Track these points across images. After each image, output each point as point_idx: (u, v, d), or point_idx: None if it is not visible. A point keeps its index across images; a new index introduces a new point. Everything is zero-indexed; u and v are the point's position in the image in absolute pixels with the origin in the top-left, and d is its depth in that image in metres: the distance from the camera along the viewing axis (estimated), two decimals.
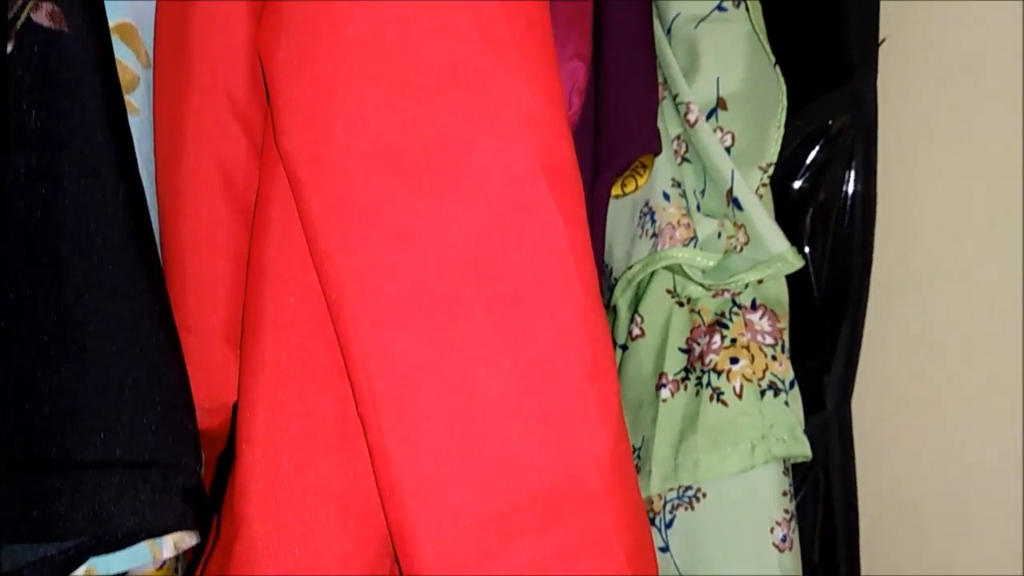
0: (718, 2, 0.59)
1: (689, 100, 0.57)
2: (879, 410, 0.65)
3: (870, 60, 0.60)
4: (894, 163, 0.62)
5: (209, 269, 0.40)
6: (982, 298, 0.62)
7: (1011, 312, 0.60)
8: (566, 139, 0.42)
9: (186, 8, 0.40)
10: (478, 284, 0.39)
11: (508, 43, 0.40)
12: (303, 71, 0.38)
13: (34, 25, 0.33)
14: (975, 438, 0.62)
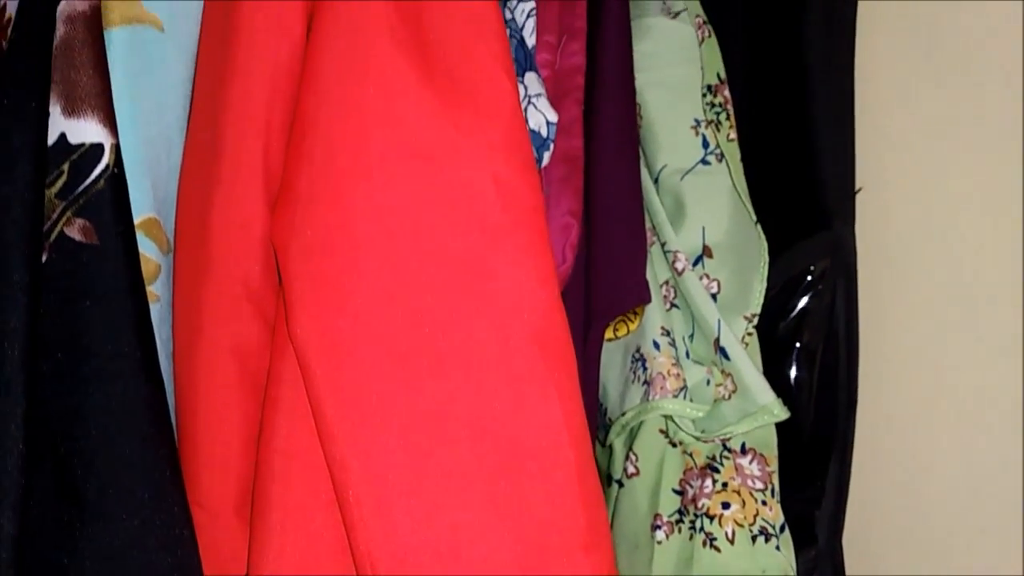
0: (702, 156, 0.63)
1: (676, 249, 0.61)
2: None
3: (846, 206, 0.64)
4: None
5: (222, 447, 0.42)
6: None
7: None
8: (559, 313, 0.45)
9: (206, 199, 0.43)
10: (477, 459, 0.41)
11: (504, 231, 0.44)
12: (315, 263, 0.41)
13: (66, 239, 0.36)
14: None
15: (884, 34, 0.66)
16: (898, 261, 0.66)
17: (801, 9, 0.63)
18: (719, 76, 0.63)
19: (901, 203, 0.67)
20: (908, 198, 0.66)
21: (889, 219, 0.63)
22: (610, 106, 0.62)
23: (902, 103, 0.67)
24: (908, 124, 0.67)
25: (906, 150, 0.66)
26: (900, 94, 0.67)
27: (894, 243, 0.66)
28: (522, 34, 0.59)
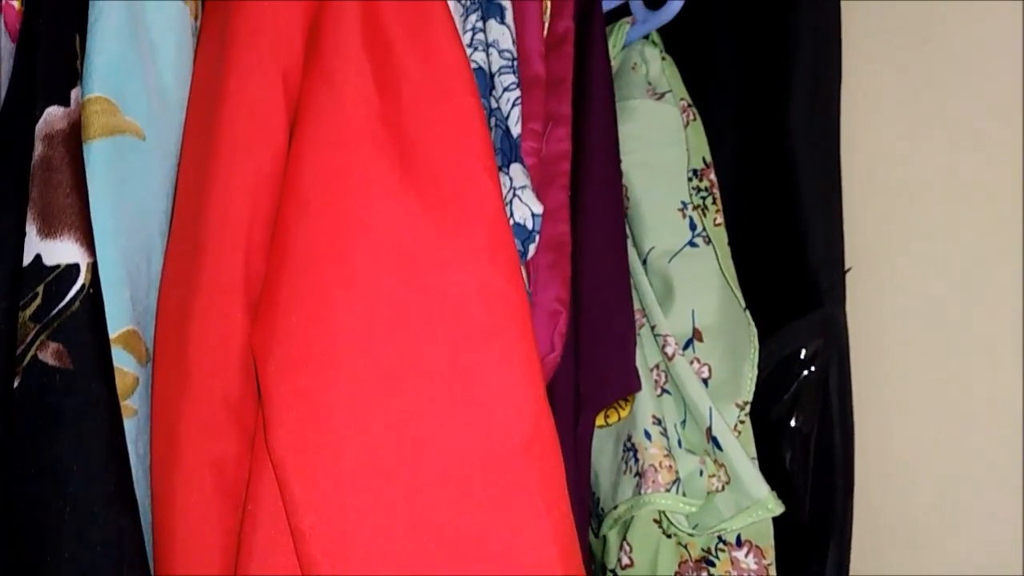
0: (689, 238, 0.63)
1: (666, 333, 0.60)
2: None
3: (837, 285, 0.63)
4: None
5: (200, 563, 0.41)
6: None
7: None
8: (546, 420, 0.44)
9: (185, 310, 0.42)
10: (462, 570, 0.40)
11: (489, 336, 0.43)
12: (294, 378, 0.40)
13: (40, 363, 0.36)
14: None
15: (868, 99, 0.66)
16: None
17: (786, 97, 0.64)
18: (704, 160, 0.64)
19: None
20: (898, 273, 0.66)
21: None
22: (596, 191, 0.62)
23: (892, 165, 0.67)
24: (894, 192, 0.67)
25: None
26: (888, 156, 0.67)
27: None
28: (507, 124, 0.59)
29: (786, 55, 0.66)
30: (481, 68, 0.60)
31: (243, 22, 0.45)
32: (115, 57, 0.43)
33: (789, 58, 0.66)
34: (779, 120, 0.65)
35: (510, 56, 0.60)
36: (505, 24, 0.61)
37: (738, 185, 0.67)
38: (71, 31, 0.41)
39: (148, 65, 0.45)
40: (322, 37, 0.46)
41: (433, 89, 0.47)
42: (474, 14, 0.61)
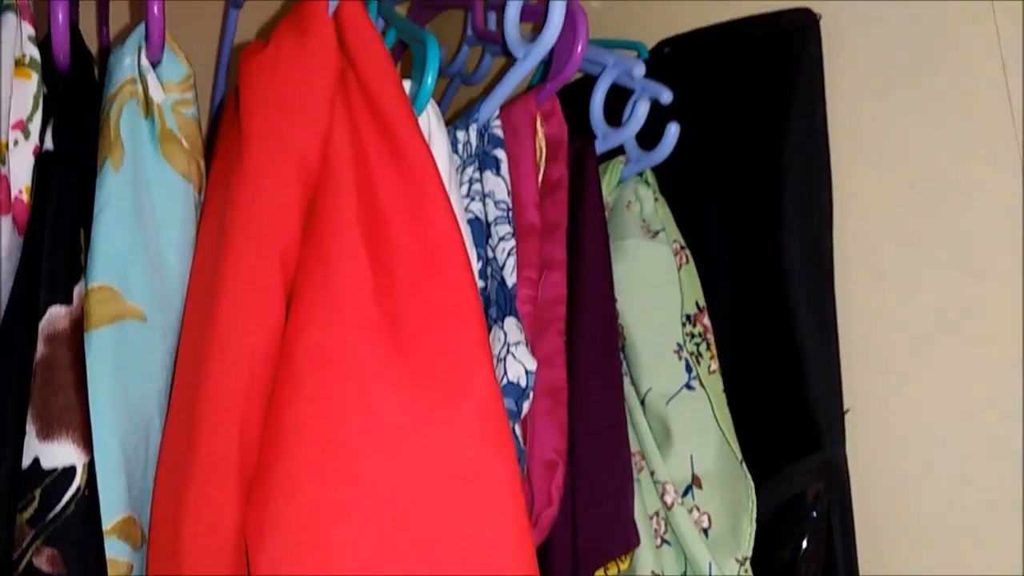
0: (686, 380, 0.63)
1: (665, 480, 0.60)
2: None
3: (836, 426, 0.63)
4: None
5: None
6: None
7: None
8: None
9: (178, 500, 0.42)
10: None
11: (482, 512, 0.43)
12: (286, 570, 0.40)
13: (35, 569, 0.36)
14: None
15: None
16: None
17: (779, 236, 0.65)
18: (698, 304, 0.64)
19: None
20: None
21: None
22: (592, 335, 0.63)
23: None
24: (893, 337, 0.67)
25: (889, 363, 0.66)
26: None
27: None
28: (503, 274, 0.60)
29: (777, 191, 0.68)
30: (478, 218, 0.62)
31: (242, 202, 0.47)
32: (119, 243, 0.44)
33: (780, 194, 0.68)
34: (773, 258, 0.66)
35: (505, 207, 0.62)
36: (500, 176, 0.63)
37: (735, 323, 0.67)
38: (75, 226, 0.43)
39: (151, 245, 0.46)
40: (318, 215, 0.48)
41: (426, 264, 0.48)
42: (471, 166, 0.63)
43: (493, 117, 0.64)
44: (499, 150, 0.63)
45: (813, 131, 0.68)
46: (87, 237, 0.44)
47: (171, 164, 0.48)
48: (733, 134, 0.73)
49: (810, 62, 0.69)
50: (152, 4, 0.47)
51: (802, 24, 0.70)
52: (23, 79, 0.44)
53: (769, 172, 0.69)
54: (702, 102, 0.77)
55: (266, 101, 0.48)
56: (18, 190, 0.43)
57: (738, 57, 0.75)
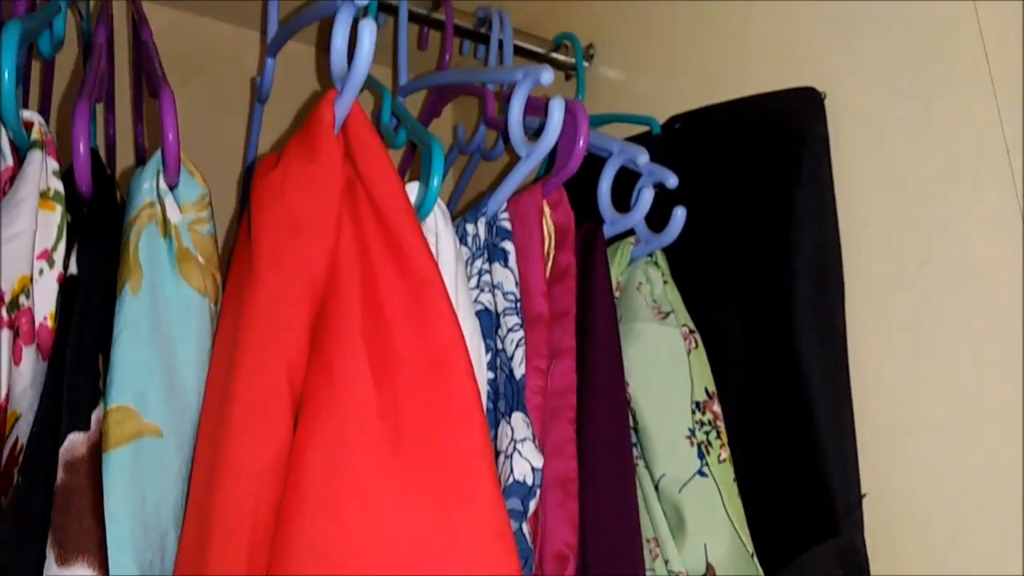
0: (698, 467, 0.63)
1: (680, 570, 0.60)
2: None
3: (855, 510, 0.63)
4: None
5: None
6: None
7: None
8: None
9: None
10: None
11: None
12: None
13: None
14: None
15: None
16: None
17: (790, 314, 0.65)
18: (707, 391, 0.65)
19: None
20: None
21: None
22: (602, 424, 0.63)
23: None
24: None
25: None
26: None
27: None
28: (511, 365, 0.61)
29: (787, 272, 0.68)
30: (487, 309, 0.63)
31: (253, 321, 0.49)
32: (136, 364, 0.47)
33: (790, 275, 0.68)
34: (785, 338, 0.66)
35: (514, 298, 0.63)
36: (508, 268, 0.64)
37: (748, 405, 0.68)
38: (95, 351, 0.45)
39: (168, 362, 0.49)
40: (325, 329, 0.50)
41: (428, 373, 0.50)
42: (480, 258, 0.65)
43: (501, 210, 0.66)
44: (507, 242, 0.65)
45: (822, 211, 0.68)
46: (106, 361, 0.46)
47: (188, 282, 0.51)
48: (742, 212, 0.74)
49: (816, 142, 0.70)
50: (167, 132, 0.50)
51: (807, 103, 0.71)
52: (47, 211, 0.47)
53: (779, 253, 0.69)
54: (712, 178, 0.78)
55: (275, 222, 0.51)
56: (43, 317, 0.46)
57: (746, 135, 0.76)
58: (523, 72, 0.61)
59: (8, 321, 0.43)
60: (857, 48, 0.70)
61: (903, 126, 0.66)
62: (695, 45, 0.87)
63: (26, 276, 0.45)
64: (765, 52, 0.79)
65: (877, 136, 0.68)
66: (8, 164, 0.48)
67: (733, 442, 0.65)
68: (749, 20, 0.81)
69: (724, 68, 0.83)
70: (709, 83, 0.84)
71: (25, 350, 0.44)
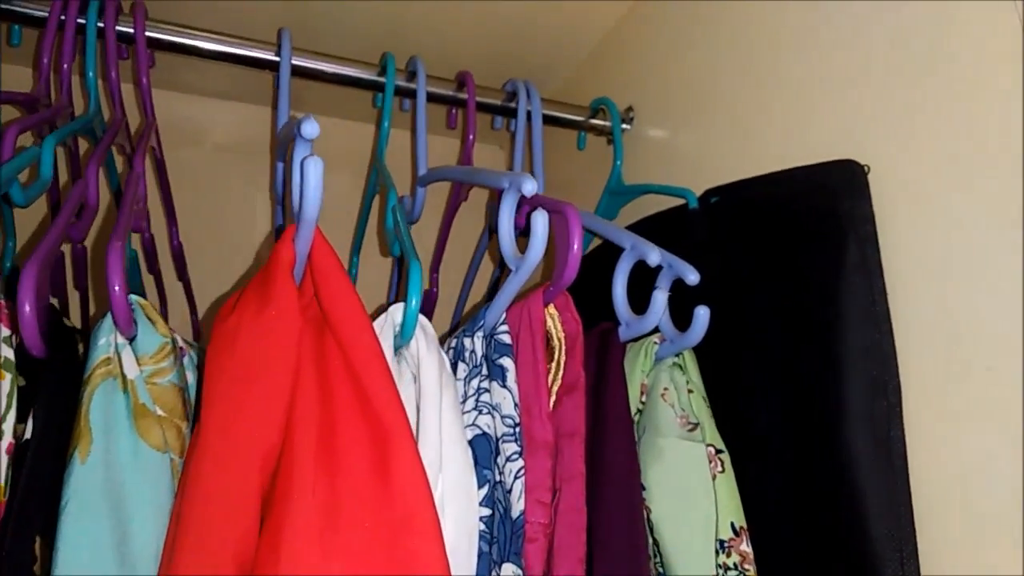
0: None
1: None
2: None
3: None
4: None
5: None
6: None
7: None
8: None
9: None
10: None
11: None
12: None
13: None
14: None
15: None
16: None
17: (839, 426, 0.57)
18: (734, 527, 0.57)
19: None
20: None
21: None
22: (616, 564, 0.57)
23: None
24: None
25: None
26: None
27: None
28: (509, 501, 0.56)
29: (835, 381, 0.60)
30: (485, 433, 0.58)
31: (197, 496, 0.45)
32: (81, 539, 0.44)
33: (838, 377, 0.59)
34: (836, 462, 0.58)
35: (512, 423, 0.58)
36: (507, 387, 0.59)
37: (797, 519, 0.59)
38: (31, 537, 0.44)
39: (119, 531, 0.46)
40: (276, 494, 0.46)
41: (392, 538, 0.45)
42: (477, 377, 0.60)
43: (499, 322, 0.61)
44: (505, 358, 0.60)
45: (872, 308, 0.60)
46: (47, 540, 0.44)
47: (145, 439, 0.48)
48: (781, 300, 0.66)
49: (862, 225, 0.61)
50: (113, 283, 0.48)
51: (849, 180, 0.63)
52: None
53: (824, 357, 0.60)
54: (749, 261, 0.70)
55: (227, 376, 0.48)
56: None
57: (785, 214, 0.68)
58: (508, 180, 0.56)
59: None
60: (902, 115, 0.61)
61: (953, 204, 0.57)
62: (737, 102, 0.80)
63: None
64: (808, 110, 0.70)
65: (927, 215, 0.58)
66: None
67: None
68: (791, 77, 0.73)
69: (766, 123, 0.75)
70: (751, 139, 0.77)
71: None
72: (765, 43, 0.76)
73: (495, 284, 1.02)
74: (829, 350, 0.60)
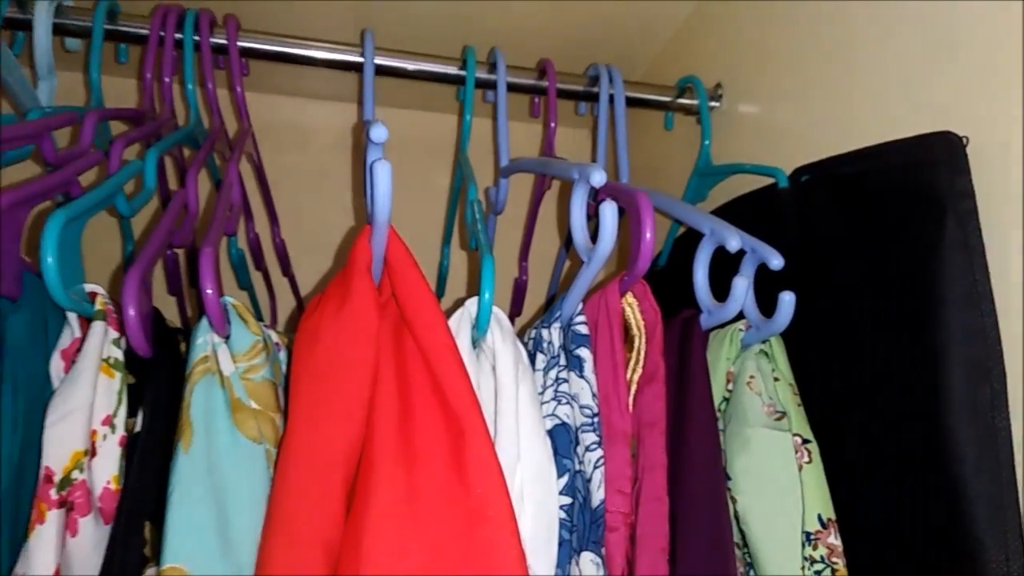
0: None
1: None
2: None
3: None
4: None
5: None
6: None
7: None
8: None
9: None
10: None
11: None
12: None
13: None
14: None
15: None
16: None
17: (940, 414, 0.54)
18: (821, 519, 0.55)
19: None
20: None
21: None
22: (700, 549, 0.56)
23: None
24: None
25: None
26: None
27: None
28: (588, 490, 0.56)
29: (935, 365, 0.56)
30: (565, 423, 0.58)
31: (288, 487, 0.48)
32: (186, 522, 0.48)
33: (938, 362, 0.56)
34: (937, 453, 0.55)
35: (590, 412, 0.58)
36: (584, 377, 0.59)
37: (899, 503, 0.57)
38: (142, 520, 0.47)
39: (220, 514, 0.49)
40: (360, 485, 0.48)
41: (467, 527, 0.47)
42: (555, 367, 0.60)
43: (576, 313, 0.61)
44: (583, 349, 0.60)
45: (973, 285, 0.56)
46: (157, 524, 0.48)
47: (241, 431, 0.52)
48: (876, 282, 0.63)
49: (961, 201, 0.57)
50: (206, 286, 0.51)
51: (947, 153, 0.59)
52: (108, 378, 0.50)
53: (922, 339, 0.57)
54: (842, 241, 0.67)
55: (312, 372, 0.50)
56: (106, 481, 0.49)
57: (879, 191, 0.65)
58: (578, 171, 0.56)
59: (59, 500, 0.47)
60: (1004, 86, 0.56)
61: None
62: (831, 74, 0.76)
63: (80, 451, 0.48)
64: (905, 81, 0.66)
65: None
66: (77, 335, 0.52)
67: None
68: (888, 47, 0.69)
69: (861, 96, 0.71)
70: (846, 114, 0.73)
71: (81, 521, 0.48)
72: (861, 13, 0.72)
73: (562, 270, 1.02)
74: (928, 335, 0.57)
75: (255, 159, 0.90)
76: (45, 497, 0.47)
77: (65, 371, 0.52)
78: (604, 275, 1.06)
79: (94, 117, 0.63)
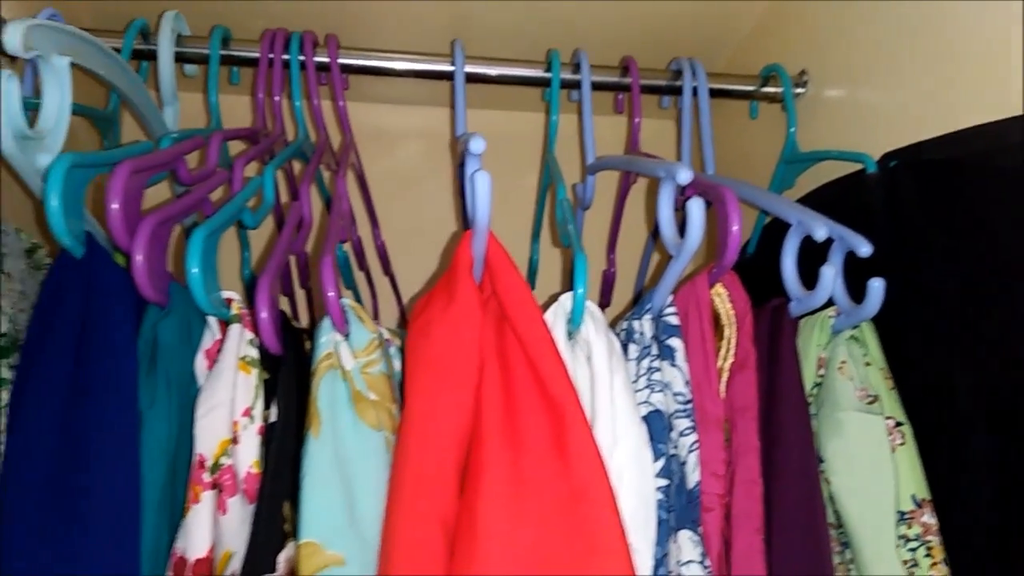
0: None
1: None
2: None
3: None
4: None
5: None
6: None
7: None
8: None
9: None
10: None
11: None
12: None
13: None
14: None
15: None
16: None
17: None
18: (915, 498, 0.56)
19: None
20: None
21: None
22: (794, 527, 0.58)
23: None
24: None
25: None
26: None
27: None
28: (684, 472, 0.59)
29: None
30: (659, 410, 0.61)
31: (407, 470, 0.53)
32: (319, 501, 0.54)
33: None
34: None
35: (683, 399, 0.61)
36: (676, 366, 0.62)
37: (1001, 488, 0.57)
38: (280, 500, 0.53)
39: (348, 495, 0.55)
40: (470, 474, 0.53)
41: (569, 505, 0.51)
42: (647, 357, 0.63)
43: (666, 304, 0.64)
44: (674, 339, 0.63)
45: None
46: (294, 504, 0.54)
47: (364, 420, 0.57)
48: (971, 268, 0.63)
49: None
50: (327, 290, 0.56)
51: None
52: (246, 374, 0.57)
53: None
54: (932, 226, 0.67)
55: (424, 365, 0.55)
56: (249, 465, 0.55)
57: (973, 174, 0.65)
58: (664, 170, 0.59)
59: (211, 483, 0.53)
60: None
61: None
62: (920, 57, 0.75)
63: (226, 439, 0.54)
64: (1000, 59, 0.66)
65: None
66: (217, 337, 0.58)
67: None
68: (981, 26, 0.68)
69: (951, 78, 0.71)
70: (936, 92, 0.72)
71: (230, 501, 0.54)
72: None
73: (649, 260, 1.04)
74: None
75: (356, 167, 0.96)
76: (199, 480, 0.54)
77: (208, 369, 0.58)
78: (692, 267, 1.08)
79: (218, 141, 0.70)
